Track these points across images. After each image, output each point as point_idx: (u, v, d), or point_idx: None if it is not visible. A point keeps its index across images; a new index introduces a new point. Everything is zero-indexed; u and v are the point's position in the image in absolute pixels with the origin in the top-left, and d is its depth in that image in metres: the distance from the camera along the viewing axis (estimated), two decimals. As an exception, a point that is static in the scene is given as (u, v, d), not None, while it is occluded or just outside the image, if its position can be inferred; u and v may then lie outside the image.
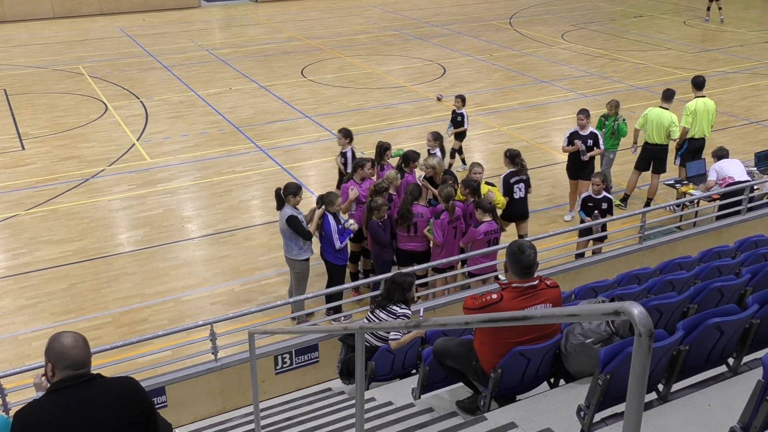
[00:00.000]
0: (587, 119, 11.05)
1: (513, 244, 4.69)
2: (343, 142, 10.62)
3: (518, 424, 4.40)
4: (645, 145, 11.52)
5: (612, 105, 11.77)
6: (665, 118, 11.18)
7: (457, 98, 13.01)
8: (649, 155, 11.52)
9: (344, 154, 10.63)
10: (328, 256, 8.71)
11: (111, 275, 10.22)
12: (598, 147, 11.08)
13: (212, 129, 16.15)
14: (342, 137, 10.62)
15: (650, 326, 2.10)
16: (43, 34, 27.01)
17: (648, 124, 11.33)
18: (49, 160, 14.46)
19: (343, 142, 10.62)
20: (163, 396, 7.37)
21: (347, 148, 10.61)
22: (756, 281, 5.53)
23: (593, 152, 11.06)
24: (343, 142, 10.62)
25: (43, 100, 18.52)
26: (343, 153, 10.66)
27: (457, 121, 13.08)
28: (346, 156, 10.61)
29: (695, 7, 29.54)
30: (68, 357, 3.15)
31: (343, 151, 10.66)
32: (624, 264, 9.11)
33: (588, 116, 11.09)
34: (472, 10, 30.15)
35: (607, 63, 21.08)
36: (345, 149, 10.62)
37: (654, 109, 11.36)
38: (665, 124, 11.17)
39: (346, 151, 10.61)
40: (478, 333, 4.91)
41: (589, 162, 11.07)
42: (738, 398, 3.68)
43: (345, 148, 10.62)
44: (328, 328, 8.57)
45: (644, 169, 11.69)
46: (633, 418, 2.17)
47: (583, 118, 11.03)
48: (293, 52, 23.19)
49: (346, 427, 5.77)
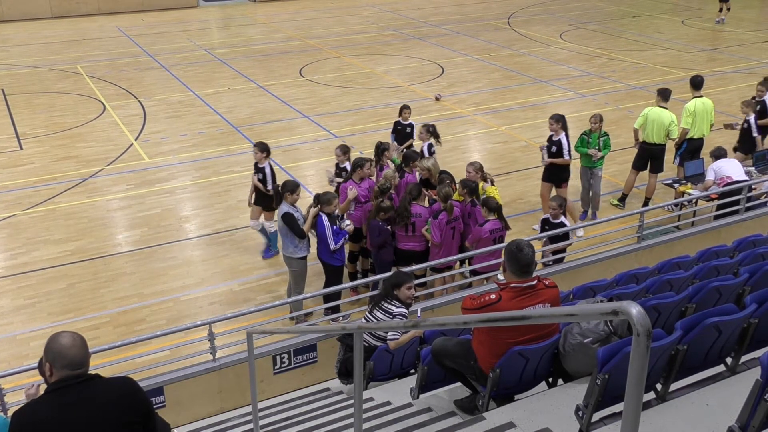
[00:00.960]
0: (557, 124, 10.69)
1: (511, 243, 4.70)
2: (259, 157, 10.03)
3: (517, 424, 4.40)
4: (643, 145, 11.53)
5: (595, 119, 11.16)
6: (665, 117, 11.19)
7: (405, 109, 12.01)
8: (647, 155, 11.53)
9: (262, 170, 10.05)
10: (323, 256, 8.71)
11: (109, 275, 10.21)
12: (561, 156, 10.73)
13: (210, 129, 16.14)
14: (258, 151, 10.05)
15: (648, 326, 2.10)
16: (41, 33, 26.99)
17: (648, 123, 11.33)
18: (47, 160, 14.45)
19: (259, 157, 10.03)
20: (162, 396, 7.37)
21: (264, 162, 10.04)
22: (754, 281, 5.54)
23: (555, 160, 10.76)
24: (259, 156, 10.03)
25: (41, 100, 18.50)
26: (260, 168, 10.07)
27: (406, 132, 12.09)
28: (264, 172, 10.03)
29: (693, 7, 29.58)
30: (66, 356, 3.15)
31: (260, 166, 10.07)
32: (622, 263, 9.12)
33: (558, 121, 10.70)
34: (470, 9, 30.16)
35: (606, 63, 21.09)
36: (262, 164, 10.05)
37: (654, 108, 11.36)
38: (665, 124, 11.18)
39: (264, 167, 10.04)
40: (476, 333, 4.91)
41: (566, 168, 10.92)
42: (736, 398, 3.68)
43: (262, 163, 10.05)
44: (326, 327, 8.57)
45: (642, 168, 11.70)
46: (631, 418, 2.17)
47: (553, 123, 10.73)
48: (291, 52, 23.19)
49: (344, 427, 5.77)
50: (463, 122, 16.36)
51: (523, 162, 13.73)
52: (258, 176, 10.10)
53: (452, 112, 16.93)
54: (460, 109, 17.15)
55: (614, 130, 15.64)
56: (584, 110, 17.00)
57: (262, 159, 10.06)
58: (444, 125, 15.42)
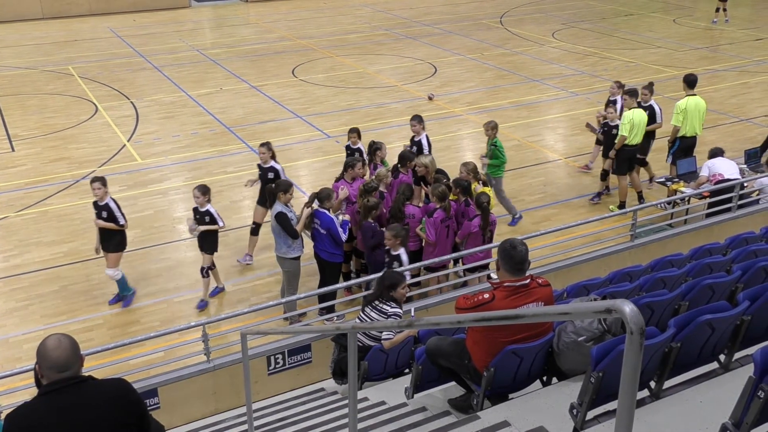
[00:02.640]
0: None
1: (505, 242, 4.70)
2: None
3: (511, 423, 4.41)
4: (624, 147, 11.13)
5: (489, 126, 10.80)
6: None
7: (353, 132, 10.88)
8: (627, 157, 11.30)
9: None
10: (323, 255, 8.69)
11: (102, 277, 10.15)
12: None
13: (203, 129, 16.11)
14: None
15: (642, 324, 2.10)
16: (33, 34, 26.88)
17: (633, 127, 10.95)
18: (39, 162, 14.39)
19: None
20: (156, 397, 7.35)
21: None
22: (746, 278, 5.56)
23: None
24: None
25: (32, 101, 18.42)
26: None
27: None
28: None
29: (685, 6, 29.67)
30: (49, 359, 3.13)
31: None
32: (616, 262, 9.14)
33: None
34: (462, 9, 30.17)
35: (598, 61, 21.14)
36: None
37: (636, 110, 11.09)
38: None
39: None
40: (470, 332, 4.92)
41: None
42: (729, 394, 3.69)
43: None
44: (320, 328, 8.56)
45: (629, 170, 11.52)
46: (625, 415, 2.17)
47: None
48: (284, 52, 23.16)
49: (339, 427, 5.76)
50: (456, 121, 16.37)
51: (516, 161, 13.73)
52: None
53: (445, 112, 16.93)
54: (453, 109, 17.15)
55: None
56: (576, 109, 17.06)
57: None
58: (437, 124, 15.46)
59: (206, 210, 9.20)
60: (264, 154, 10.00)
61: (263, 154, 10.01)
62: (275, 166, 9.99)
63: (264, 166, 10.05)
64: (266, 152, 9.99)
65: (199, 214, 9.24)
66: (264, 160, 10.03)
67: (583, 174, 13.28)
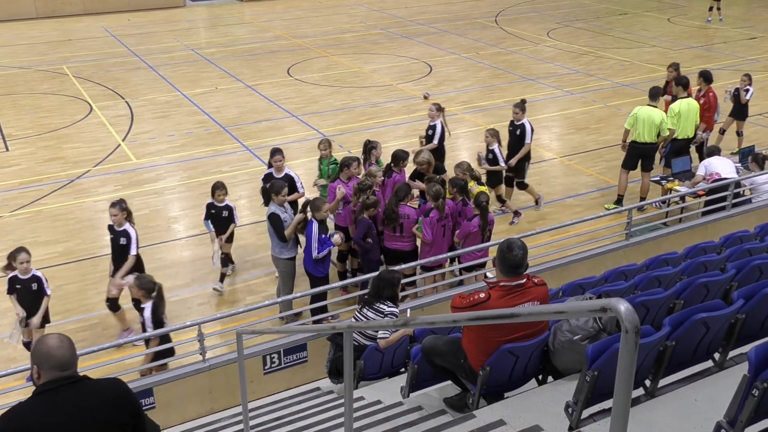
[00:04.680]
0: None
1: (504, 242, 4.69)
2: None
3: (507, 421, 4.41)
4: (633, 144, 11.48)
5: (324, 146, 10.27)
6: (655, 116, 11.21)
7: (219, 189, 9.78)
8: (638, 154, 11.51)
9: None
10: (307, 266, 8.66)
11: (97, 276, 10.14)
12: None
13: (198, 129, 16.08)
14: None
15: (637, 322, 2.11)
16: (27, 34, 26.79)
17: (638, 122, 11.26)
18: (33, 162, 14.35)
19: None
20: (151, 397, 7.33)
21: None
22: (741, 276, 5.58)
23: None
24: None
25: (27, 101, 18.36)
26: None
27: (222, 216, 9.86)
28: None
29: (679, 5, 29.73)
30: (53, 357, 3.13)
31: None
32: (611, 260, 9.15)
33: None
34: (458, 8, 30.18)
35: (593, 60, 21.17)
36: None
37: (643, 107, 11.35)
38: (656, 122, 11.20)
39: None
40: (466, 331, 4.92)
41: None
42: (724, 393, 3.71)
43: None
44: (316, 327, 8.55)
45: (632, 168, 11.66)
46: (620, 414, 2.18)
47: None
48: (279, 51, 23.13)
49: (335, 427, 5.76)
50: (452, 120, 16.26)
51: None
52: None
53: (440, 111, 16.90)
54: (448, 108, 17.02)
55: (602, 127, 15.75)
56: (572, 108, 17.09)
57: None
58: (424, 125, 15.42)
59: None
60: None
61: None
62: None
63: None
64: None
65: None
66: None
67: (578, 173, 13.30)
